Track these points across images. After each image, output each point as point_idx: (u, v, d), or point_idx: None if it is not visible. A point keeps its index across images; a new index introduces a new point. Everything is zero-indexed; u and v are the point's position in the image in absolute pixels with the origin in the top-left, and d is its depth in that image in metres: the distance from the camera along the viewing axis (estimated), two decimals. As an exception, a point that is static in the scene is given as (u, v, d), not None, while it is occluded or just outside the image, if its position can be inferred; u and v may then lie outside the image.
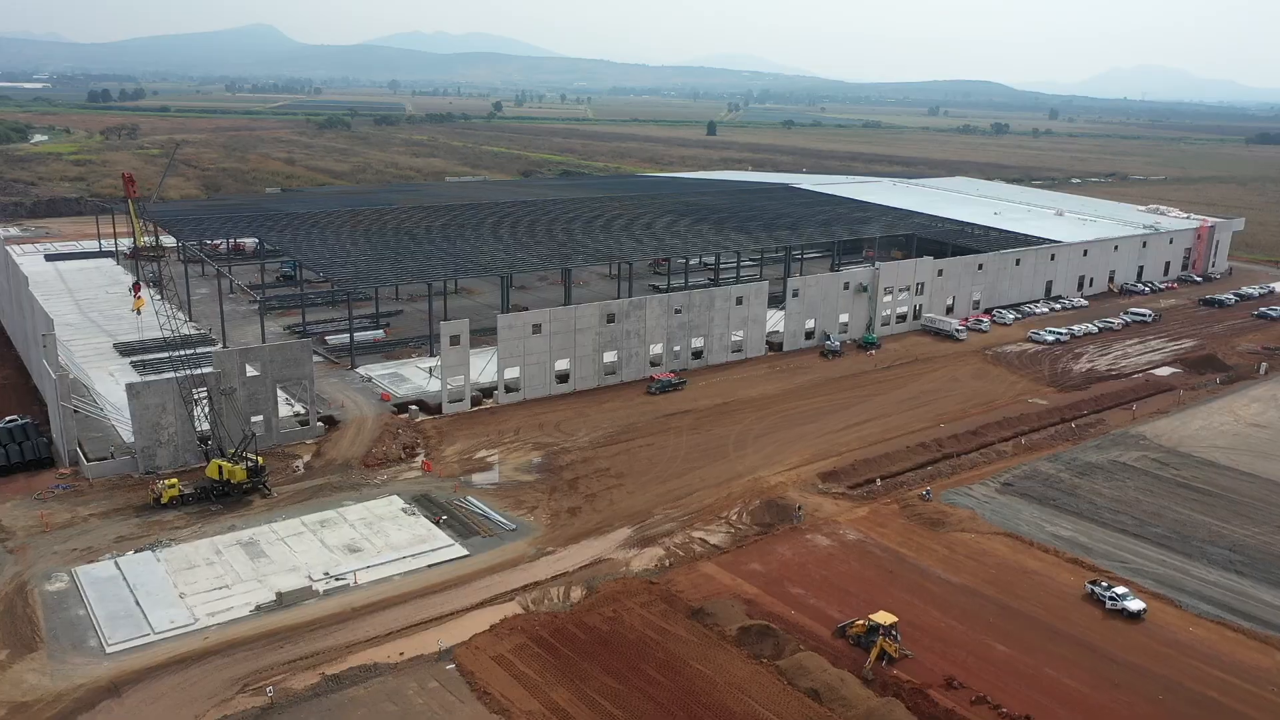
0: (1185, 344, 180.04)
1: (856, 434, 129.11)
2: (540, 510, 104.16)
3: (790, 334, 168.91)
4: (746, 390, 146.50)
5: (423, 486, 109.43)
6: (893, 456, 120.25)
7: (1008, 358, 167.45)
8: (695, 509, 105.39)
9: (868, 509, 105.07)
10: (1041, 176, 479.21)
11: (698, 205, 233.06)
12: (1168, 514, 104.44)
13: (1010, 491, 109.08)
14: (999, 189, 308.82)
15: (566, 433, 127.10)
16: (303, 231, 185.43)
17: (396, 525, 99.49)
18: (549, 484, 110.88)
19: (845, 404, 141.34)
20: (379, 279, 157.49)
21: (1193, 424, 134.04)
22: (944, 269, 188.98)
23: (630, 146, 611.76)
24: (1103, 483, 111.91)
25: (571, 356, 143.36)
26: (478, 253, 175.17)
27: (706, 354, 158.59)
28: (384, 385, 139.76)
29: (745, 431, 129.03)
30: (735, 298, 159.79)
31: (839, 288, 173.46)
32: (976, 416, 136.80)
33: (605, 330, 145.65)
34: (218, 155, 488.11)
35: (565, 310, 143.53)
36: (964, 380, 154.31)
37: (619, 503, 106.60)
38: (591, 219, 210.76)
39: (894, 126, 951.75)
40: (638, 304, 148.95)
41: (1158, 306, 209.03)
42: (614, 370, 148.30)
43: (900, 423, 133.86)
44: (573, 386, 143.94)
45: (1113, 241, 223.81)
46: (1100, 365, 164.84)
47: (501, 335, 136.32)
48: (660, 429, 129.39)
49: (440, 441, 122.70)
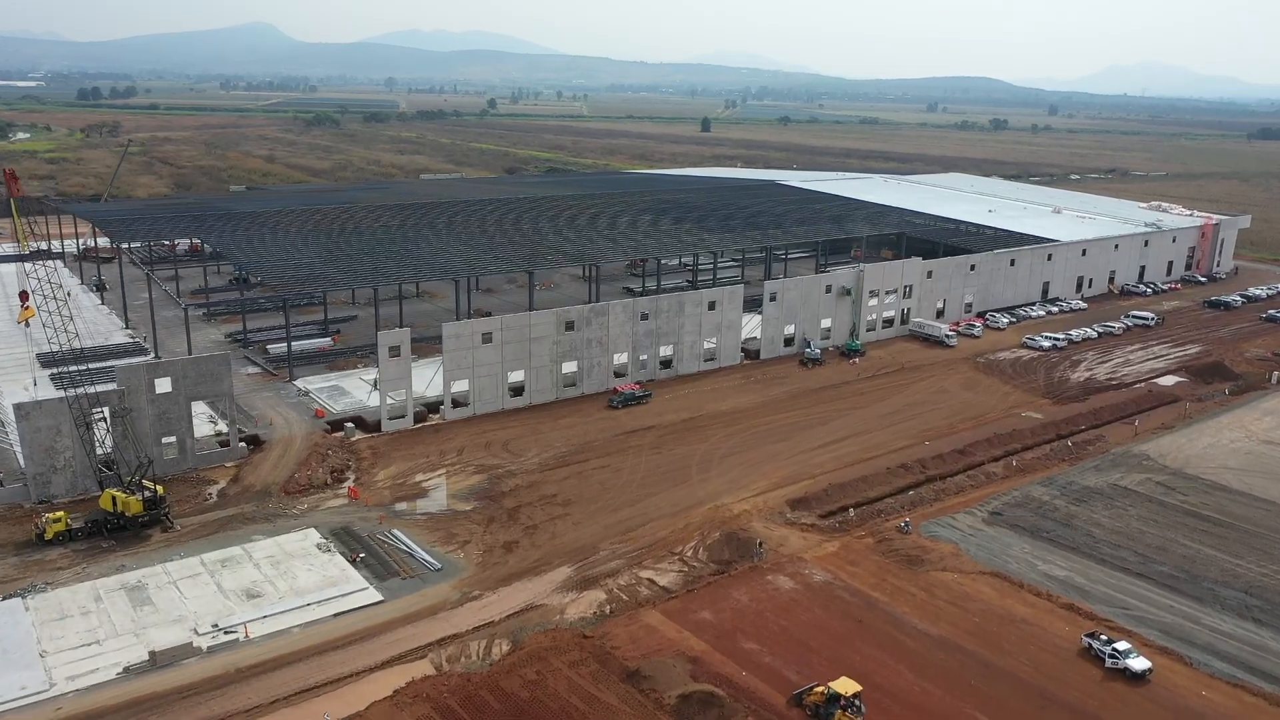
0: (1190, 350, 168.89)
1: (833, 453, 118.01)
2: (473, 545, 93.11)
3: (768, 341, 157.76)
4: (717, 403, 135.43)
5: (345, 517, 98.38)
6: (871, 480, 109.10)
7: (1000, 366, 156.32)
8: (647, 543, 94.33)
9: (839, 543, 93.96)
10: (1040, 173, 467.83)
11: (679, 203, 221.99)
12: (1174, 548, 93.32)
13: (999, 522, 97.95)
14: (995, 186, 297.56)
15: (515, 453, 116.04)
16: (253, 231, 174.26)
17: (307, 565, 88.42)
18: (487, 513, 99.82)
19: (823, 419, 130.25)
20: (324, 282, 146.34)
21: (1200, 441, 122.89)
22: (934, 270, 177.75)
23: (621, 143, 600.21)
24: (1102, 511, 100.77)
25: (526, 368, 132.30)
26: (438, 254, 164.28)
27: (676, 363, 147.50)
28: (320, 400, 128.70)
29: (711, 451, 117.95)
30: (707, 302, 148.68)
31: (820, 291, 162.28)
32: (965, 433, 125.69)
33: (563, 339, 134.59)
34: (197, 153, 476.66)
35: (518, 317, 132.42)
36: (953, 391, 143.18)
37: (562, 536, 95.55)
38: (566, 218, 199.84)
39: (891, 123, 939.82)
40: (599, 310, 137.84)
41: (1160, 309, 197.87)
42: (574, 382, 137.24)
43: (881, 440, 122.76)
44: (528, 400, 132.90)
45: (1113, 240, 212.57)
46: (1100, 374, 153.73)
47: (447, 345, 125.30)
48: (618, 448, 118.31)
49: (374, 464, 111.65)
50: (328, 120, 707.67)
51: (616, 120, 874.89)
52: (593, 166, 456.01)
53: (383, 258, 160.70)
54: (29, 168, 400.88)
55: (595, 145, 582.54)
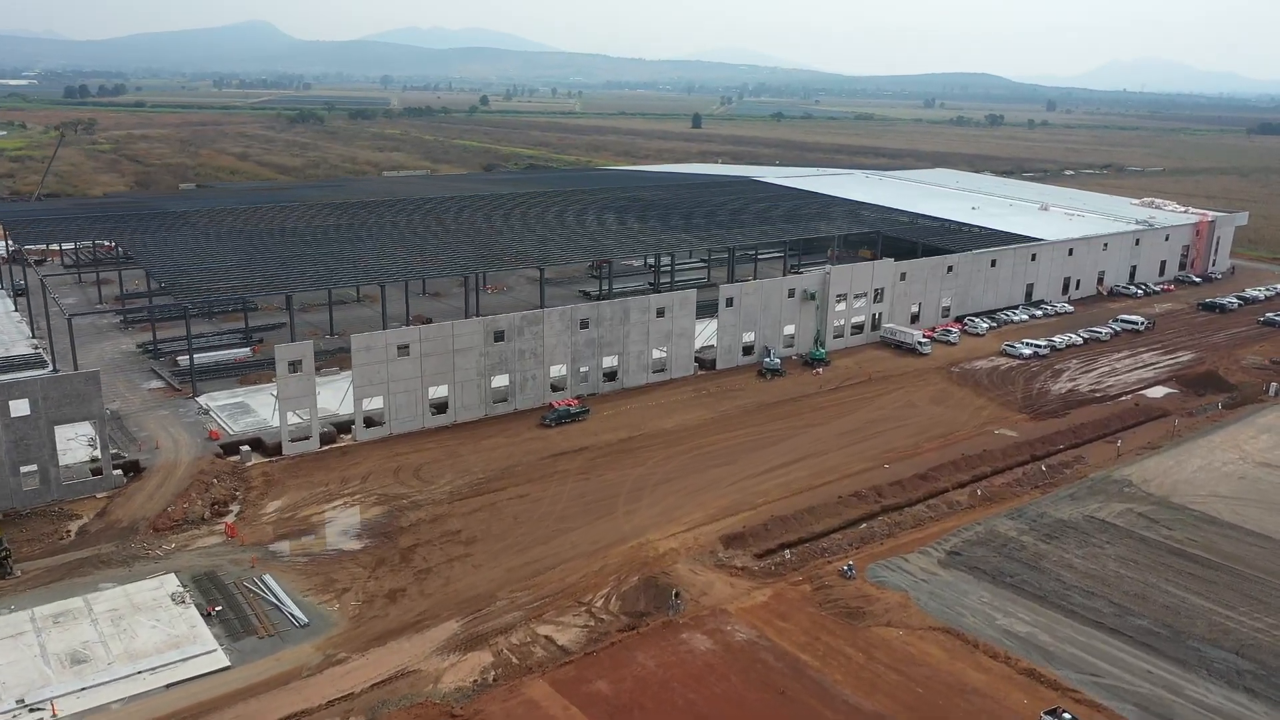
0: (1182, 357, 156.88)
1: (781, 479, 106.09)
2: (352, 594, 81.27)
3: (724, 350, 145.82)
4: (661, 420, 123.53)
5: (215, 559, 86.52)
6: (818, 511, 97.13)
7: (976, 376, 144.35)
8: (553, 590, 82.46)
9: (770, 591, 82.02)
10: (1034, 168, 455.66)
11: (647, 201, 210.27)
12: (1156, 597, 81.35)
13: (957, 564, 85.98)
14: (981, 181, 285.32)
15: (426, 480, 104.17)
16: (177, 233, 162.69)
17: (153, 620, 76.54)
18: (377, 554, 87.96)
19: (775, 437, 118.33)
20: (235, 288, 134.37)
21: (1189, 463, 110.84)
22: (908, 272, 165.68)
23: (609, 140, 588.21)
24: (1075, 550, 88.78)
25: (450, 382, 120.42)
26: (376, 256, 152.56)
27: (622, 375, 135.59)
28: (220, 419, 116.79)
29: (645, 477, 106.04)
30: (656, 309, 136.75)
31: (782, 295, 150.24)
32: (930, 454, 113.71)
33: (492, 350, 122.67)
34: (168, 151, 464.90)
35: (440, 327, 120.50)
36: (921, 406, 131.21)
37: (457, 581, 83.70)
38: (529, 216, 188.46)
39: (886, 119, 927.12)
40: (532, 318, 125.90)
41: (1151, 312, 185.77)
42: (506, 397, 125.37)
43: (837, 463, 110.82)
44: (452, 418, 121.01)
45: (1102, 239, 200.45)
46: (1083, 385, 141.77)
47: (357, 359, 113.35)
48: (542, 474, 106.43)
49: (265, 494, 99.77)
50: (312, 117, 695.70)
51: (608, 117, 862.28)
52: (575, 163, 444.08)
53: (312, 260, 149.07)
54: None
55: (581, 142, 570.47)
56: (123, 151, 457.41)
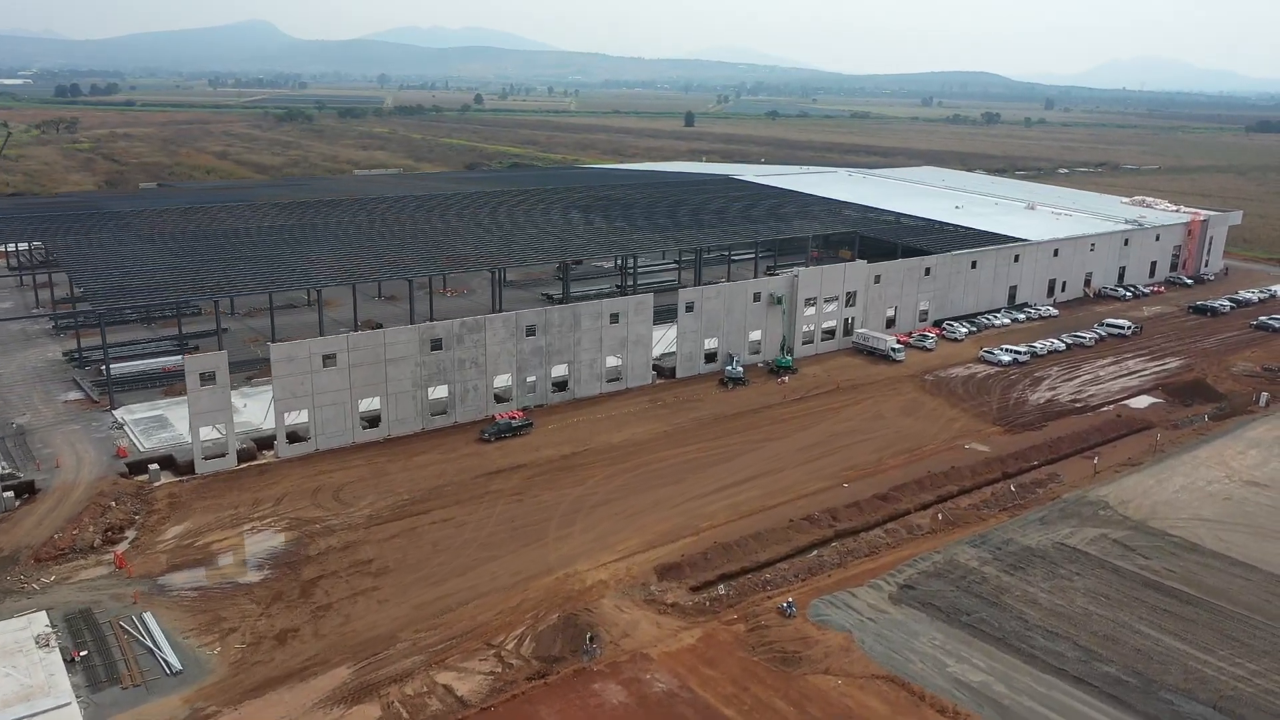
0: (1169, 364, 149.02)
1: (730, 500, 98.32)
2: (238, 635, 73.50)
3: (684, 357, 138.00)
4: (609, 434, 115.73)
5: (96, 594, 78.76)
6: (766, 537, 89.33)
7: (950, 384, 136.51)
8: (462, 630, 74.73)
9: (701, 631, 74.21)
10: (1027, 167, 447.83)
11: (618, 199, 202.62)
12: (1127, 638, 73.50)
13: (910, 600, 78.15)
14: (968, 180, 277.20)
15: (345, 502, 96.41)
16: (112, 234, 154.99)
17: (9, 668, 68.75)
18: (275, 587, 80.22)
19: (730, 453, 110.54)
20: (159, 292, 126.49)
21: (1171, 482, 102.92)
22: (882, 274, 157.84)
23: (598, 138, 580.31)
24: (1041, 583, 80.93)
25: (383, 394, 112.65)
26: (320, 258, 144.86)
27: (573, 385, 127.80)
28: (133, 435, 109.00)
29: (584, 498, 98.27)
30: (609, 315, 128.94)
31: (747, 299, 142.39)
32: (893, 471, 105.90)
33: (429, 360, 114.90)
34: (148, 149, 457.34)
35: (370, 335, 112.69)
36: (890, 418, 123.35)
37: (358, 620, 75.94)
38: (495, 215, 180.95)
39: (882, 117, 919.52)
40: (473, 325, 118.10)
41: (1139, 315, 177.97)
42: (445, 409, 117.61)
43: (792, 481, 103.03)
44: (386, 432, 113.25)
45: (1089, 239, 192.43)
46: (1063, 394, 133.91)
47: (277, 370, 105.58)
48: (473, 494, 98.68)
49: (166, 518, 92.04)
50: (300, 116, 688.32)
51: (601, 116, 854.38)
52: (561, 161, 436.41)
53: (251, 263, 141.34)
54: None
55: (570, 140, 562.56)
56: (101, 150, 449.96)
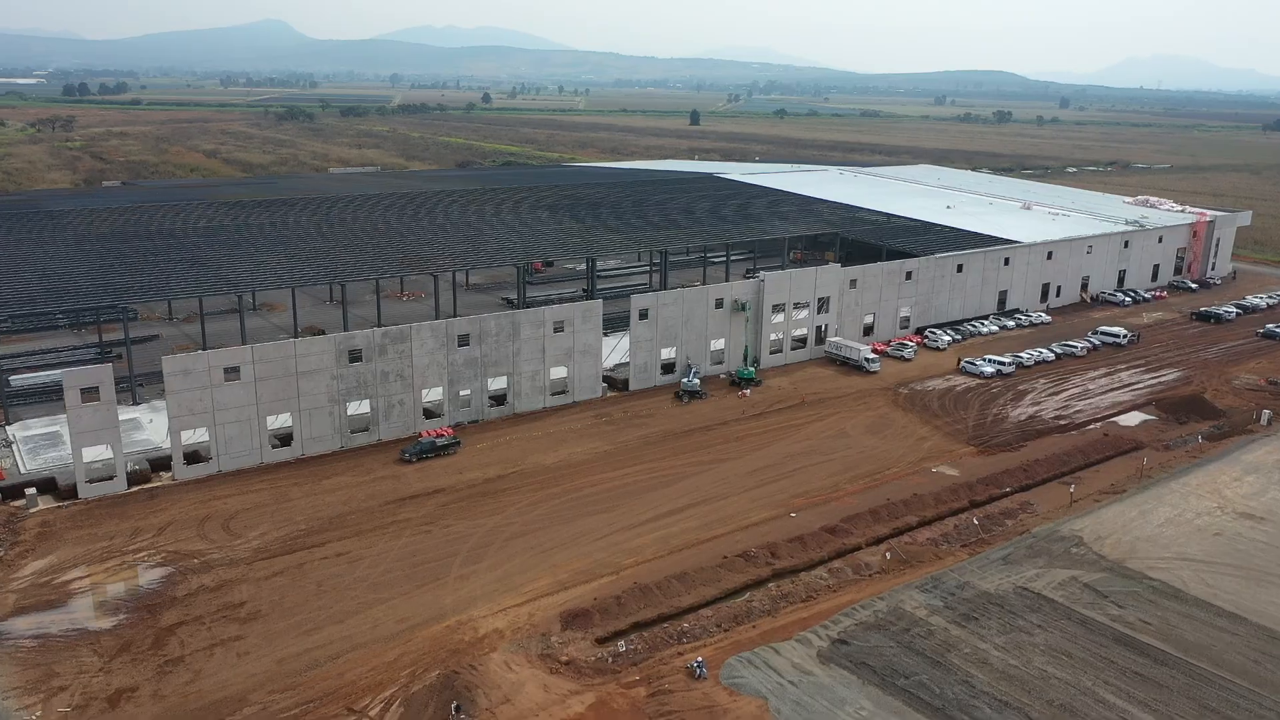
0: (1166, 376, 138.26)
1: (663, 531, 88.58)
2: (67, 694, 64.27)
3: (638, 368, 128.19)
4: (543, 454, 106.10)
5: (-79, 643, 69.73)
6: (693, 578, 79.53)
7: (925, 399, 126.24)
8: (324, 691, 65.27)
9: (594, 696, 64.45)
10: (1035, 165, 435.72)
11: (587, 199, 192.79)
12: (1088, 709, 63.28)
13: (841, 658, 68.12)
14: (964, 178, 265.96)
15: (234, 532, 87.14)
16: (40, 234, 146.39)
17: None
18: (126, 636, 70.96)
19: (673, 475, 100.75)
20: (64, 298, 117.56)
21: (1156, 513, 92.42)
22: (858, 278, 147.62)
23: (599, 137, 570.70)
24: (995, 637, 70.80)
25: (294, 410, 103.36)
26: (252, 260, 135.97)
27: (512, 399, 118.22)
28: (19, 454, 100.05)
29: (499, 529, 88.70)
30: (552, 323, 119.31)
31: (708, 305, 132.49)
32: (848, 499, 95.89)
33: (348, 372, 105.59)
34: (138, 148, 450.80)
35: (279, 346, 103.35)
36: (854, 436, 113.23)
37: (208, 677, 66.56)
38: (453, 215, 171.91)
39: (893, 115, 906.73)
40: (397, 335, 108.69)
41: (1139, 323, 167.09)
42: (367, 426, 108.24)
43: (736, 510, 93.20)
44: (299, 451, 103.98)
45: (1085, 241, 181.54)
46: (1047, 410, 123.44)
47: (171, 385, 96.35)
48: (379, 524, 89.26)
49: (31, 550, 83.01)
50: (301, 114, 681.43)
51: (608, 114, 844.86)
52: (556, 159, 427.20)
53: (177, 266, 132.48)
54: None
55: (570, 139, 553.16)
56: (91, 149, 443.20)
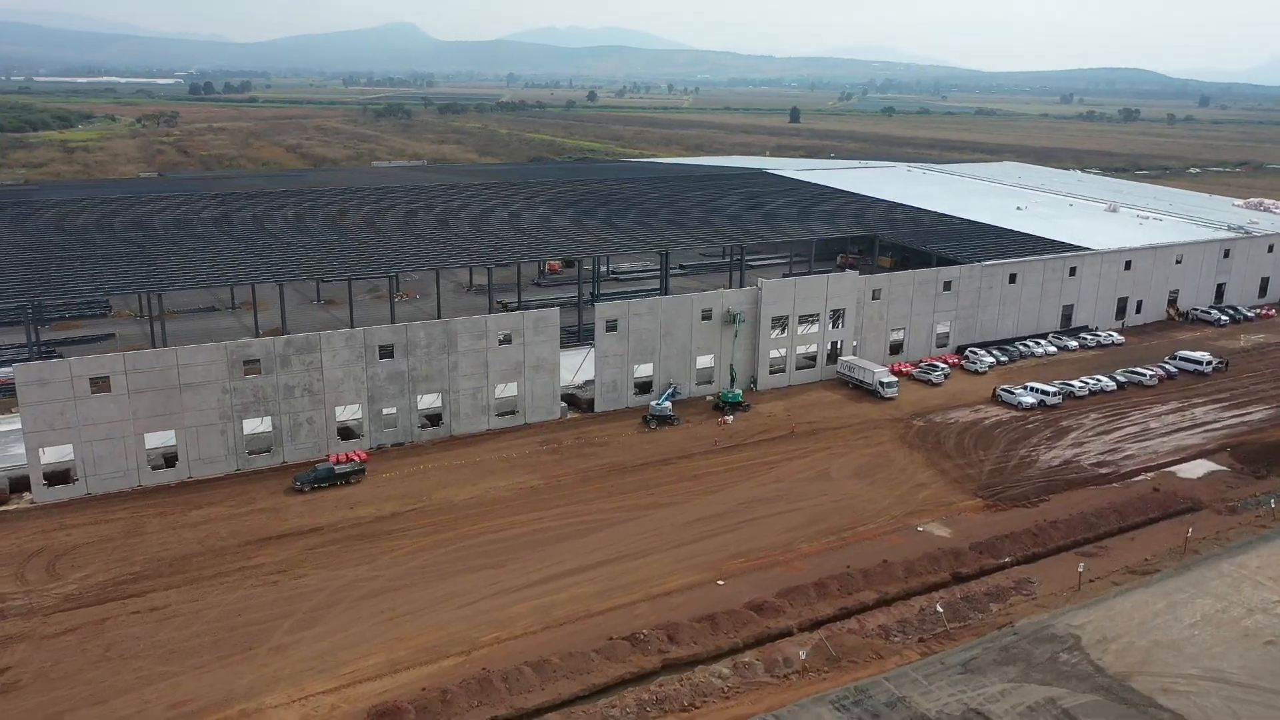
0: (1252, 415, 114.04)
1: (547, 598, 72.10)
2: None
3: (605, 387, 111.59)
4: (458, 487, 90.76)
5: None
6: (555, 668, 62.85)
7: (941, 434, 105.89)
8: (21, 804, 51.31)
9: (337, 844, 48.63)
10: (1153, 166, 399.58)
11: (607, 195, 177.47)
12: None
13: (688, 805, 50.44)
14: (1047, 177, 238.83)
15: (56, 574, 74.62)
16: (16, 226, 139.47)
17: None
18: None
19: (597, 522, 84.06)
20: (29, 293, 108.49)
21: (1192, 607, 70.93)
22: (882, 288, 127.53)
23: (688, 134, 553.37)
24: (911, 788, 51.96)
25: (179, 427, 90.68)
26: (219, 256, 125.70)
27: (449, 419, 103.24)
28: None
29: (356, 584, 73.71)
30: (499, 334, 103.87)
31: (693, 316, 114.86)
32: (798, 564, 77.45)
33: (243, 385, 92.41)
34: (227, 142, 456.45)
35: (156, 355, 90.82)
36: (837, 479, 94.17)
37: (-103, 774, 53.50)
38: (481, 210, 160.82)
39: (1010, 114, 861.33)
40: (303, 344, 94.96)
41: (1232, 346, 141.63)
42: (269, 446, 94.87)
43: (654, 572, 75.97)
44: (185, 473, 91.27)
45: (1174, 249, 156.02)
46: (1088, 453, 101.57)
47: (25, 396, 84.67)
48: (224, 569, 75.44)
49: None
50: (399, 111, 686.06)
51: (710, 113, 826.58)
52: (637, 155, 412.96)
53: (130, 260, 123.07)
54: (44, 155, 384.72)
55: (657, 135, 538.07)
56: (181, 143, 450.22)
